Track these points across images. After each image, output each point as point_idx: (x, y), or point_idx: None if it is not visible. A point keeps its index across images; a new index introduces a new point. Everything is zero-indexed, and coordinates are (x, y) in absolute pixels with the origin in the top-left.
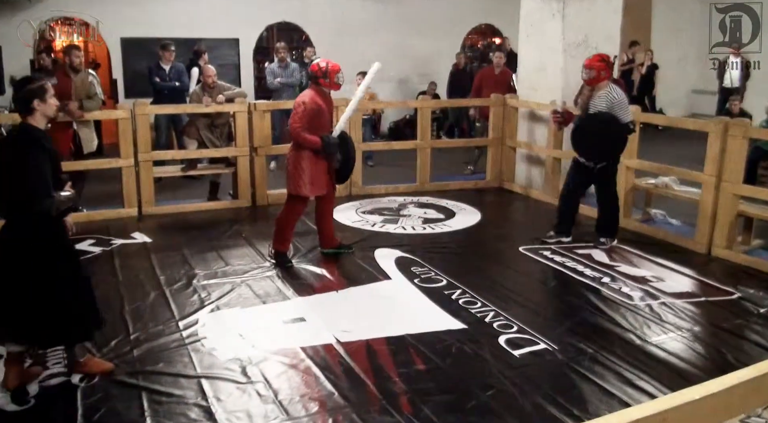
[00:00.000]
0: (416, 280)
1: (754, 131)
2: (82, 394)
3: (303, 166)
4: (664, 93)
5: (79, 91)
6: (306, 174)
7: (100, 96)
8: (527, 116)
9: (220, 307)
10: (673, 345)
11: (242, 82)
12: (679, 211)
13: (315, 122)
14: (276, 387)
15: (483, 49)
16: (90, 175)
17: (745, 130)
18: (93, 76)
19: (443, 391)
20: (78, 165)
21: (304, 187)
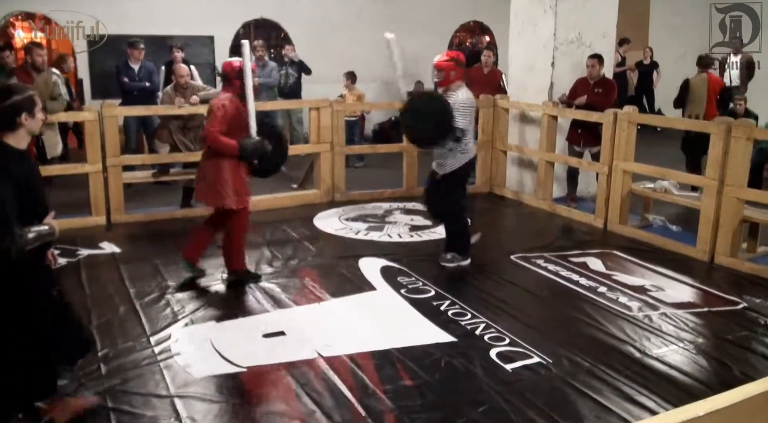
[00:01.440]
0: (403, 290)
1: (758, 132)
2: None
3: (225, 176)
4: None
5: (42, 91)
6: (229, 184)
7: (65, 97)
8: (518, 118)
9: (195, 321)
10: (674, 358)
11: (217, 83)
12: (679, 217)
13: (235, 126)
14: (254, 405)
15: (472, 48)
16: (55, 181)
17: (750, 132)
18: (57, 75)
19: (431, 408)
20: (42, 171)
21: (228, 198)
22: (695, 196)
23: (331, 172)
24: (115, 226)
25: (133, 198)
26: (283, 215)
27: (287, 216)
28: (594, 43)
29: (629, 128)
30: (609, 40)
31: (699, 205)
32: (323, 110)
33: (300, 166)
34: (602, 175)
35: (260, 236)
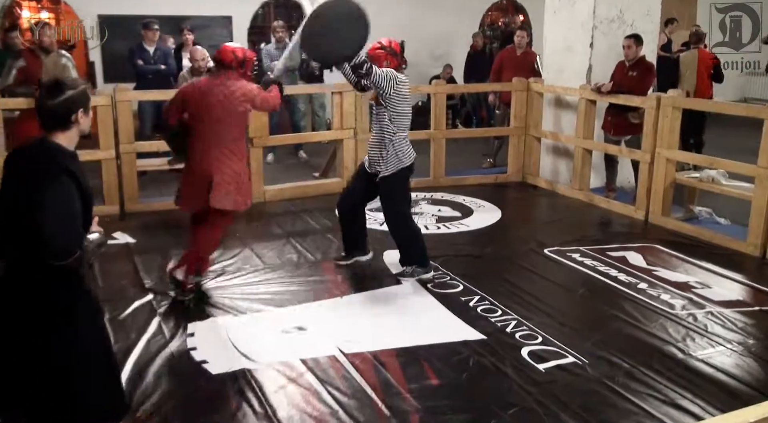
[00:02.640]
0: (429, 285)
1: None
2: None
3: (246, 177)
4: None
5: (51, 74)
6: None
7: None
8: (553, 102)
9: (212, 315)
10: (721, 360)
11: None
12: (727, 209)
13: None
14: (273, 403)
15: (504, 28)
16: None
17: None
18: (66, 57)
19: (459, 409)
20: None
21: (250, 197)
22: (746, 187)
23: (355, 160)
24: (129, 216)
25: (147, 186)
26: (305, 205)
27: (309, 206)
28: (636, 21)
29: (673, 114)
30: (653, 19)
31: (750, 197)
32: (346, 95)
33: (322, 153)
34: (644, 164)
35: (280, 227)
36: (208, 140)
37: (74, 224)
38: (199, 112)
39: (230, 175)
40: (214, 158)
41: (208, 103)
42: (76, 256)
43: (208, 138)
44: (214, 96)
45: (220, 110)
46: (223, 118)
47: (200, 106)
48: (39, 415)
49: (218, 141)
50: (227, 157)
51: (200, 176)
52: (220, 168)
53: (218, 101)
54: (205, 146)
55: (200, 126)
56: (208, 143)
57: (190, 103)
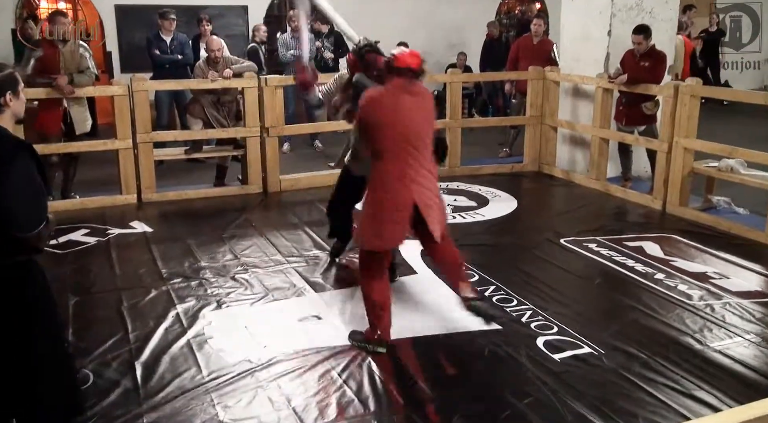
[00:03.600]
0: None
1: None
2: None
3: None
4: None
5: (69, 64)
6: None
7: (93, 70)
8: (570, 91)
9: (228, 304)
10: (739, 351)
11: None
12: (746, 199)
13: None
14: (289, 392)
15: (521, 17)
16: (83, 158)
17: None
18: (84, 47)
19: (475, 398)
20: (70, 147)
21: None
22: (765, 176)
23: None
24: (146, 205)
25: (164, 176)
26: (320, 195)
27: (324, 195)
28: (656, 8)
29: (691, 102)
30: (672, 6)
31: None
32: None
33: (337, 143)
34: (661, 153)
35: (297, 217)
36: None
37: (39, 197)
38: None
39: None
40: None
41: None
42: (41, 228)
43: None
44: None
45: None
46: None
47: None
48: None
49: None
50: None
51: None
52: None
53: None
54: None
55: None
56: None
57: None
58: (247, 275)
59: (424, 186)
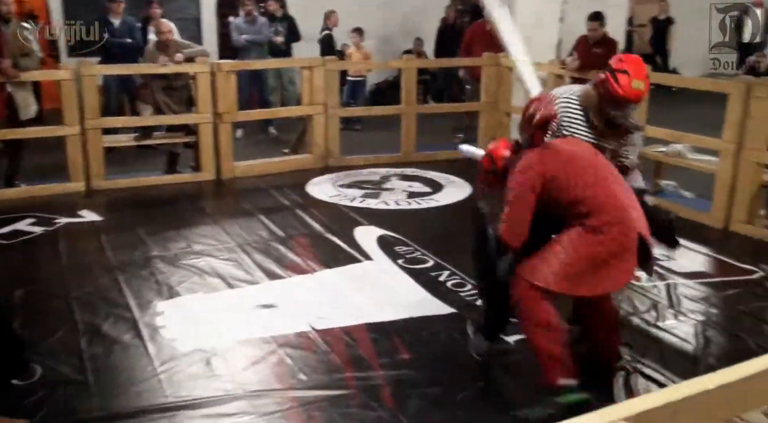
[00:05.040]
0: (400, 260)
1: None
2: (20, 393)
3: None
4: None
5: (12, 46)
6: None
7: (38, 53)
8: None
9: (181, 293)
10: (685, 329)
11: (204, 40)
12: (693, 183)
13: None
14: (244, 380)
15: (474, 2)
16: (29, 144)
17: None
18: (28, 29)
19: (430, 382)
20: (14, 133)
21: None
22: (711, 160)
23: (325, 136)
24: (96, 193)
25: (114, 163)
26: (274, 181)
27: (278, 182)
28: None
29: None
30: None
31: (715, 170)
32: (316, 69)
33: (292, 128)
34: None
35: (251, 204)
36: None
37: None
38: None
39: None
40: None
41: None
42: None
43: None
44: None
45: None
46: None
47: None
48: None
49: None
50: None
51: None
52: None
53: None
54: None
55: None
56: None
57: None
58: (200, 263)
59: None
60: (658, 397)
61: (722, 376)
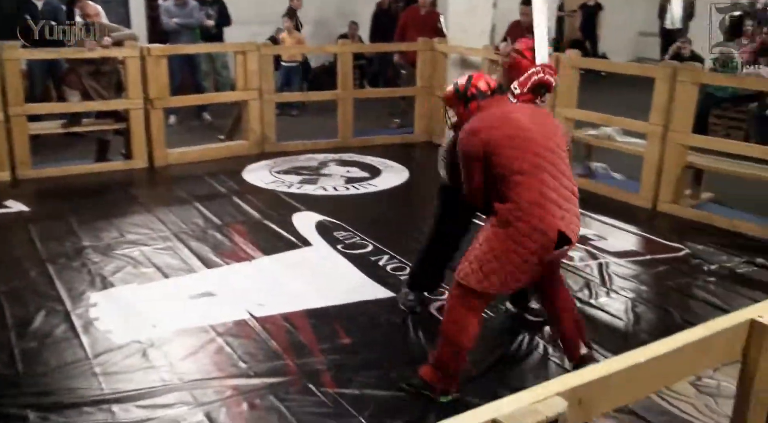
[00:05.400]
0: (339, 246)
1: (705, 76)
2: None
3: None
4: (608, 36)
5: None
6: None
7: None
8: (458, 63)
9: (115, 284)
10: (617, 306)
11: (132, 23)
12: (622, 165)
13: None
14: (182, 370)
15: None
16: None
17: (696, 76)
18: None
19: (370, 365)
20: None
21: None
22: (639, 143)
23: (261, 122)
24: (22, 183)
25: (41, 151)
26: (210, 168)
27: (214, 169)
28: None
29: (572, 73)
30: None
31: (643, 152)
32: (250, 54)
33: (226, 114)
34: None
35: (185, 191)
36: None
37: None
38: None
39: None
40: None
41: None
42: None
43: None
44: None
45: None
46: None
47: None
48: None
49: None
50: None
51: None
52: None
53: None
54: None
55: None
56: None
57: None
58: (134, 253)
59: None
60: (591, 372)
61: (652, 349)
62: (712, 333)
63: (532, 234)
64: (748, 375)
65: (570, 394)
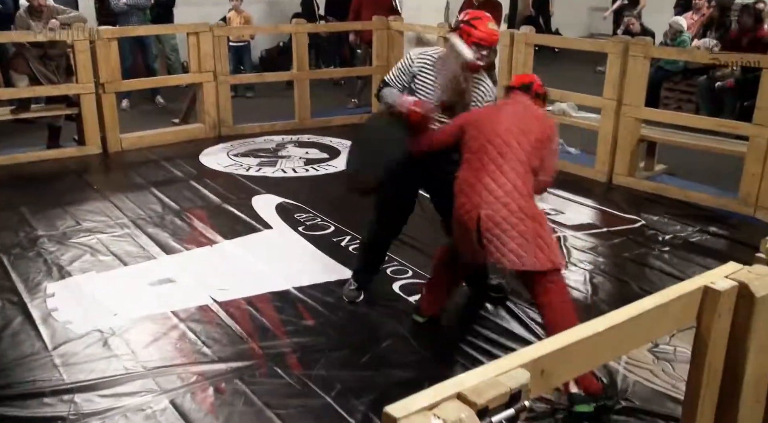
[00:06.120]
0: (301, 227)
1: (656, 50)
2: None
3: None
4: (561, 12)
5: None
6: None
7: None
8: (414, 41)
9: (73, 273)
10: (575, 278)
11: (79, 5)
12: (577, 139)
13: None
14: (145, 358)
15: None
16: None
17: (647, 50)
18: None
19: (336, 346)
20: None
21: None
22: (594, 117)
23: (216, 104)
24: None
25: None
26: (166, 153)
27: (170, 153)
28: None
29: (526, 49)
30: None
31: (597, 127)
32: (203, 35)
33: (180, 98)
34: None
35: (142, 177)
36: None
37: None
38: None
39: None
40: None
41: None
42: None
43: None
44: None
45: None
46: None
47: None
48: None
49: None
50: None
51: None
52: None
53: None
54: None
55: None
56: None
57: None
58: (91, 241)
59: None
60: (552, 343)
61: (610, 319)
62: (668, 300)
63: (461, 211)
64: (702, 339)
65: (532, 365)
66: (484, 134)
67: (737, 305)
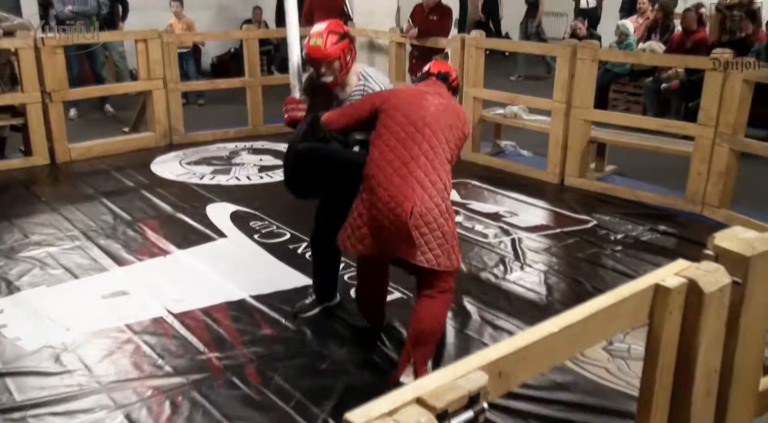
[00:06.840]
0: (256, 235)
1: (603, 53)
2: None
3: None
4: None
5: None
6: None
7: None
8: (366, 46)
9: (22, 288)
10: (530, 280)
11: (22, 11)
12: (529, 142)
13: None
14: (99, 373)
15: None
16: None
17: (594, 53)
18: None
19: (294, 355)
20: None
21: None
22: (544, 120)
23: (167, 112)
24: None
25: None
26: (116, 162)
27: (120, 163)
28: None
29: (477, 53)
30: None
31: (548, 129)
32: (151, 42)
33: (129, 106)
34: None
35: (92, 187)
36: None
37: None
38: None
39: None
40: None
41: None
42: None
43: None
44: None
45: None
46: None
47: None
48: None
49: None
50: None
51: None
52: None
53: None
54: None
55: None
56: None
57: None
58: (40, 255)
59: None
60: (508, 345)
61: (565, 318)
62: (621, 299)
63: (370, 209)
64: (654, 336)
65: (490, 367)
66: (411, 121)
67: (687, 302)
